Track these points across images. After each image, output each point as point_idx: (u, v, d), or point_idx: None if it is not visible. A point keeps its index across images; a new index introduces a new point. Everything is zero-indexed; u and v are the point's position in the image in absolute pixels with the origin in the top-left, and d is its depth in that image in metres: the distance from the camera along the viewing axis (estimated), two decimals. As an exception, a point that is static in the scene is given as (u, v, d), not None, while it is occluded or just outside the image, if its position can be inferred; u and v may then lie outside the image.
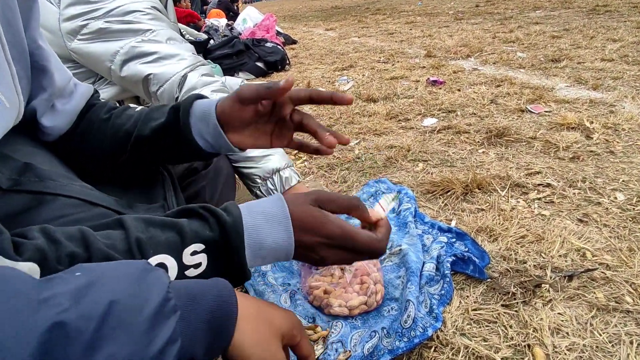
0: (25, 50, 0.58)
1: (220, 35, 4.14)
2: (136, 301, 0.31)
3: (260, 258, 0.49)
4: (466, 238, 0.95)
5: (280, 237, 0.48)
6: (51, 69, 0.63)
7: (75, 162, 0.71)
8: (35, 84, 0.62)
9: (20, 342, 0.26)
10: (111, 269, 0.35)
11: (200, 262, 0.45)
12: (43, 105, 0.65)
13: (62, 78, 0.66)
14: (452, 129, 1.67)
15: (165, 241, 0.44)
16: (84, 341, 0.28)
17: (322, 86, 2.65)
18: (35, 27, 0.61)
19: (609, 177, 1.20)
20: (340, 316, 0.78)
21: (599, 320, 0.74)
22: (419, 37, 4.14)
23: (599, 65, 2.34)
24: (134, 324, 0.30)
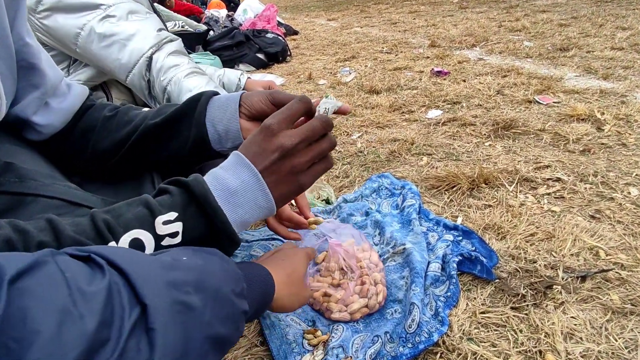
0: (11, 48, 0.56)
1: (221, 26, 4.08)
2: (228, 288, 0.41)
3: (238, 207, 0.48)
4: (473, 236, 0.91)
5: (244, 173, 0.49)
6: (42, 66, 0.62)
7: (69, 161, 0.71)
8: (24, 83, 0.61)
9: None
10: (209, 263, 0.42)
11: (177, 230, 0.45)
12: (35, 104, 0.63)
13: (55, 76, 0.65)
14: (457, 121, 1.62)
15: (134, 217, 0.44)
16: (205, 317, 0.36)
17: (324, 78, 2.59)
18: (22, 24, 0.59)
19: (622, 171, 1.15)
20: (342, 321, 0.75)
21: (615, 324, 0.70)
22: (423, 26, 4.05)
23: (608, 54, 2.27)
24: (228, 304, 0.40)
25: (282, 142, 0.50)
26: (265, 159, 0.49)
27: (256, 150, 0.50)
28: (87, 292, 0.29)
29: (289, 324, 0.76)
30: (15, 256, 0.29)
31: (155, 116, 0.66)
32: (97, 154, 0.69)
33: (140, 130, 0.66)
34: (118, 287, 0.32)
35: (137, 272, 0.33)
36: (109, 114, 0.70)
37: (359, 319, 0.75)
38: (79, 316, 0.28)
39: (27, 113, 0.63)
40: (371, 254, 0.83)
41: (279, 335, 0.74)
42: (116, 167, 0.70)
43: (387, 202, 1.12)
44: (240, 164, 0.50)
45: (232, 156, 0.51)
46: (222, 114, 0.63)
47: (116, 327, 0.29)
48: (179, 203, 0.46)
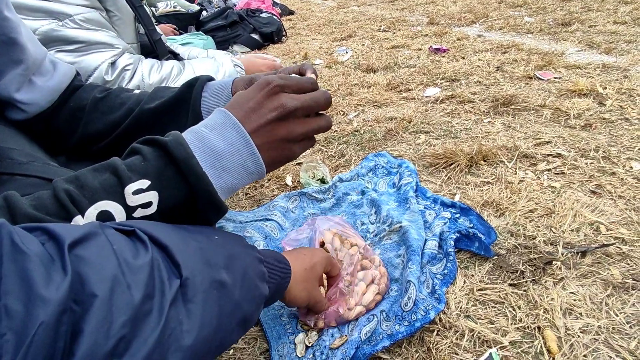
0: None
1: (214, 6, 3.98)
2: (253, 271, 0.43)
3: (225, 172, 0.43)
4: (471, 213, 0.89)
5: (231, 133, 0.44)
6: (22, 40, 0.59)
7: (56, 142, 0.69)
8: (4, 59, 0.58)
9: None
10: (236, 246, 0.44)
11: (150, 200, 0.41)
12: (17, 80, 0.60)
13: (37, 51, 0.62)
14: (455, 99, 1.59)
15: (100, 185, 0.40)
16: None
17: (320, 57, 2.53)
18: None
19: (624, 146, 1.12)
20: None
21: (615, 299, 0.68)
22: (422, 3, 3.96)
23: (611, 28, 2.22)
24: (253, 286, 0.42)
25: (284, 101, 0.45)
26: (261, 117, 0.45)
27: (252, 106, 0.45)
28: (134, 265, 0.31)
29: (283, 305, 0.74)
30: (69, 227, 0.31)
31: (150, 100, 0.64)
32: (87, 135, 0.67)
33: (135, 114, 0.64)
34: (158, 263, 0.33)
35: (178, 248, 0.35)
36: (99, 95, 0.67)
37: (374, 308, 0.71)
38: (127, 286, 0.30)
39: (10, 90, 0.61)
40: (356, 239, 0.79)
41: (272, 315, 0.73)
42: (107, 148, 0.68)
43: (383, 181, 1.10)
44: (227, 123, 0.44)
45: (217, 113, 0.46)
46: (217, 101, 0.61)
47: (157, 300, 0.31)
48: (154, 169, 0.41)
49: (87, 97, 0.67)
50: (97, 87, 0.70)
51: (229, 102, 0.48)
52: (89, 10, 0.89)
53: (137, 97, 0.66)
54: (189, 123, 0.61)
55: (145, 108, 0.63)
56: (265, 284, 0.45)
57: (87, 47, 0.88)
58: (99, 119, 0.66)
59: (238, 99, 0.47)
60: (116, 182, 0.40)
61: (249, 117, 0.45)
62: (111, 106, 0.66)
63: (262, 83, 0.46)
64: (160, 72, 1.00)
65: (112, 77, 0.91)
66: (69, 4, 0.85)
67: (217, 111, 0.46)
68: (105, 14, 0.95)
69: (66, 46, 0.86)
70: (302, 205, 1.04)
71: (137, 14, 1.02)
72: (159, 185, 0.41)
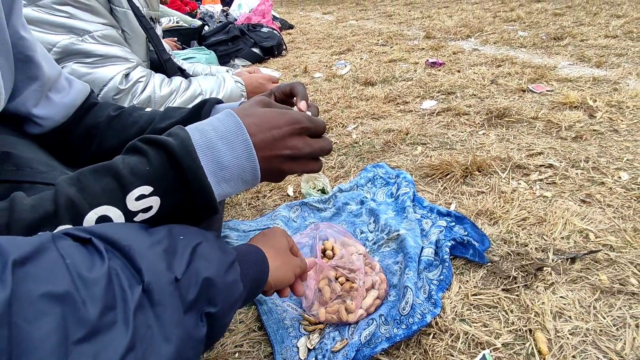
0: (7, 42, 0.57)
1: (216, 21, 4.06)
2: (222, 270, 0.41)
3: (224, 182, 0.44)
4: (466, 221, 0.92)
5: (240, 148, 0.44)
6: (37, 59, 0.63)
7: (71, 156, 0.72)
8: (22, 76, 0.62)
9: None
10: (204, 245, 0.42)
11: (151, 205, 0.41)
12: (34, 96, 0.64)
13: (51, 68, 0.66)
14: (451, 111, 1.64)
15: (101, 191, 0.40)
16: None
17: (320, 71, 2.59)
18: (18, 18, 0.60)
19: (613, 156, 1.17)
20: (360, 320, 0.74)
21: (603, 303, 0.72)
22: (418, 18, 4.05)
23: (602, 42, 2.28)
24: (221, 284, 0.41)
25: (301, 146, 0.47)
26: (275, 149, 0.46)
27: (273, 135, 0.46)
28: (88, 279, 0.30)
29: (286, 310, 0.78)
30: (19, 240, 0.30)
31: (161, 120, 0.68)
32: (101, 151, 0.71)
33: (148, 132, 0.67)
34: (117, 272, 0.33)
35: (139, 253, 0.35)
36: (113, 114, 0.71)
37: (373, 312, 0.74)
38: (82, 302, 0.29)
39: (28, 106, 0.64)
40: (356, 246, 0.82)
41: (276, 320, 0.76)
42: None
43: (382, 191, 1.14)
44: (239, 136, 0.44)
45: (229, 119, 0.46)
46: None
47: (120, 310, 0.31)
48: (158, 174, 0.41)
49: (101, 115, 0.71)
50: (112, 105, 0.73)
51: (244, 108, 0.48)
52: (107, 27, 0.94)
53: (149, 115, 0.70)
54: None
55: (157, 127, 0.67)
56: (238, 282, 0.43)
57: (103, 60, 0.93)
58: (113, 137, 0.70)
59: (259, 116, 0.47)
60: (117, 187, 0.40)
61: (264, 143, 0.45)
62: (124, 124, 0.70)
63: (291, 119, 0.47)
64: (170, 85, 1.05)
65: (125, 86, 0.96)
66: (89, 22, 0.91)
67: (230, 116, 0.46)
68: (120, 32, 1.00)
69: (84, 59, 0.91)
70: (303, 215, 1.07)
71: (148, 35, 1.07)
72: (161, 190, 0.41)
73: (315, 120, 0.49)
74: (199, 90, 1.10)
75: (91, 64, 0.93)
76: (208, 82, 1.14)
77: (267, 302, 0.80)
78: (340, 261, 0.77)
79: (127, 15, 1.01)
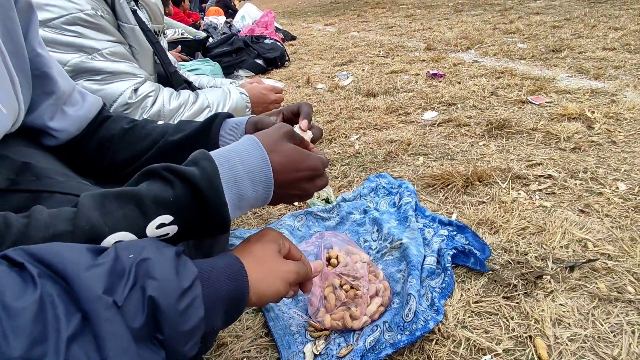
0: (25, 58, 0.60)
1: (220, 33, 4.13)
2: (172, 296, 0.35)
3: (239, 209, 0.48)
4: (467, 231, 0.95)
5: (262, 185, 0.48)
6: (53, 74, 0.66)
7: (84, 167, 0.74)
8: (38, 91, 0.65)
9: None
10: (156, 265, 0.37)
11: (168, 232, 0.43)
12: (50, 110, 0.67)
13: (66, 83, 0.69)
14: (452, 122, 1.67)
15: (123, 217, 0.41)
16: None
17: (322, 82, 2.64)
18: (34, 36, 0.63)
19: (611, 167, 1.19)
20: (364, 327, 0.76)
21: (601, 310, 0.74)
22: (419, 30, 4.11)
23: (600, 54, 2.32)
24: (174, 312, 0.35)
25: (317, 165, 0.51)
26: (294, 171, 0.50)
27: (294, 177, 0.50)
28: (14, 308, 0.28)
29: (292, 316, 0.80)
30: None
31: (174, 133, 0.70)
32: (115, 163, 0.73)
33: (160, 145, 0.70)
34: (52, 299, 0.30)
35: (79, 277, 0.32)
36: (127, 126, 0.74)
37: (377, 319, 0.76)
38: (3, 335, 0.27)
39: (44, 119, 0.67)
40: (360, 254, 0.85)
41: (282, 326, 0.78)
42: (132, 173, 0.74)
43: (384, 201, 1.16)
44: (264, 171, 0.48)
45: (258, 154, 0.48)
46: (232, 135, 0.68)
47: (52, 341, 0.28)
48: (180, 205, 0.42)
49: (115, 128, 0.74)
50: (125, 118, 0.76)
51: (273, 141, 0.50)
52: (115, 44, 0.98)
53: (161, 128, 0.72)
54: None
55: (170, 140, 0.69)
56: (195, 307, 0.37)
57: (112, 77, 0.97)
58: (126, 149, 0.73)
59: (286, 156, 0.50)
60: (140, 215, 0.41)
61: (284, 183, 0.49)
62: (138, 136, 0.73)
63: (312, 165, 0.51)
64: (179, 99, 1.08)
65: (134, 100, 0.99)
66: (98, 40, 0.94)
67: (257, 149, 0.48)
68: (128, 47, 1.04)
69: (94, 76, 0.95)
70: (308, 224, 1.10)
71: (155, 49, 1.11)
72: (181, 219, 0.43)
73: (325, 164, 0.54)
74: (206, 103, 1.14)
75: (101, 81, 0.97)
76: (214, 95, 1.17)
77: (273, 308, 0.82)
78: (345, 269, 0.79)
79: (134, 31, 1.05)
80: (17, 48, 0.57)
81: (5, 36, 0.55)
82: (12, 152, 0.62)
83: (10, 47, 0.56)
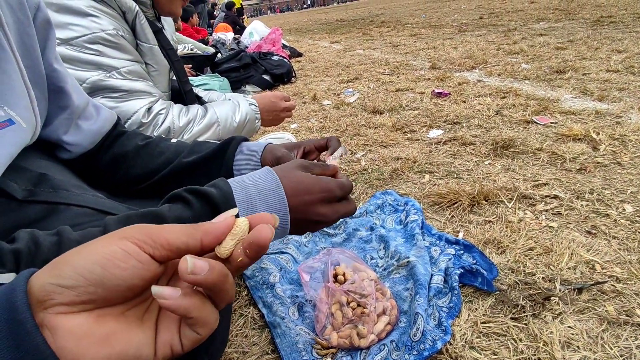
0: (42, 74, 0.61)
1: (228, 48, 4.21)
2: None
3: None
4: (474, 250, 0.95)
5: (275, 206, 0.48)
6: (68, 89, 0.67)
7: (97, 181, 0.75)
8: (53, 105, 0.66)
9: None
10: None
11: None
12: (65, 124, 0.68)
13: (80, 98, 0.71)
14: (457, 141, 1.68)
15: None
16: None
17: (328, 98, 2.67)
18: (51, 52, 0.64)
19: (617, 189, 1.20)
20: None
21: (610, 334, 0.73)
22: (424, 49, 4.17)
23: (604, 76, 2.35)
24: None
25: (330, 186, 0.51)
26: (305, 193, 0.50)
27: (303, 182, 0.50)
28: None
29: (299, 333, 0.80)
30: None
31: (188, 154, 0.71)
32: (128, 179, 0.74)
33: (174, 165, 0.71)
34: None
35: None
36: (141, 143, 0.75)
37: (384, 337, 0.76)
38: None
39: (59, 133, 0.69)
40: (367, 271, 0.85)
41: (289, 343, 0.78)
42: (144, 189, 0.75)
43: (390, 218, 1.17)
44: (276, 193, 0.48)
45: (269, 178, 0.49)
46: (247, 162, 0.69)
47: None
48: (197, 220, 0.42)
49: (129, 145, 0.75)
50: (139, 135, 0.77)
51: (285, 169, 0.52)
52: (133, 63, 1.01)
53: (175, 147, 0.73)
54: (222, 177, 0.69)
55: (184, 161, 0.70)
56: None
57: (128, 95, 0.99)
58: (140, 166, 0.74)
59: (297, 180, 0.50)
60: None
61: (297, 207, 0.50)
62: (151, 154, 0.74)
63: (324, 187, 0.51)
64: (188, 115, 1.10)
65: (148, 119, 1.01)
66: (117, 59, 0.97)
67: (269, 174, 0.50)
68: (144, 66, 1.06)
69: (111, 93, 0.97)
70: (314, 240, 1.10)
71: (174, 67, 1.14)
72: None
73: (344, 187, 0.53)
74: (215, 118, 1.16)
75: (117, 99, 0.99)
76: (223, 109, 1.19)
77: (280, 325, 0.82)
78: (352, 286, 0.79)
79: (152, 50, 1.08)
80: (35, 64, 0.59)
81: (23, 52, 0.57)
82: (29, 163, 0.63)
83: (27, 63, 0.57)
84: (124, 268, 0.27)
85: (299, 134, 2.02)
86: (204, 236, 0.30)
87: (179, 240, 0.29)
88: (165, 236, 0.29)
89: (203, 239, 0.30)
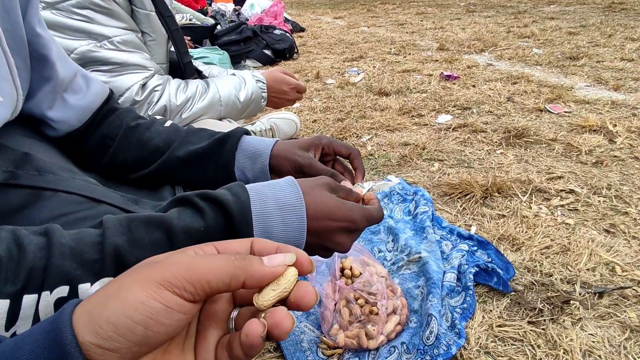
0: (23, 39, 0.53)
1: (227, 20, 4.05)
2: None
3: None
4: (489, 247, 0.90)
5: (292, 226, 0.44)
6: (52, 57, 0.59)
7: (85, 162, 0.68)
8: (36, 75, 0.58)
9: None
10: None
11: None
12: (48, 98, 0.61)
13: (67, 69, 0.62)
14: (468, 127, 1.62)
15: (150, 244, 0.39)
16: None
17: (332, 77, 2.57)
18: (34, 14, 0.56)
19: (636, 185, 1.15)
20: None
21: (633, 342, 0.69)
22: (431, 28, 4.04)
23: (619, 64, 2.27)
24: None
25: (356, 217, 0.46)
26: (327, 219, 0.45)
27: (327, 205, 0.45)
28: None
29: (304, 331, 0.75)
30: None
31: (180, 146, 0.64)
32: (115, 164, 0.67)
33: (164, 158, 0.64)
34: None
35: None
36: (132, 124, 0.67)
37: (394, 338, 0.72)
38: None
39: (42, 108, 0.61)
40: (376, 266, 0.80)
41: (293, 341, 0.73)
42: (135, 180, 0.68)
43: (399, 208, 1.11)
44: (296, 219, 0.44)
45: (293, 192, 0.45)
46: (251, 164, 0.62)
47: None
48: (209, 233, 0.41)
49: (119, 126, 0.67)
50: (131, 113, 0.69)
51: (310, 186, 0.47)
52: (127, 32, 0.92)
53: (166, 135, 0.65)
54: (219, 178, 0.62)
55: (174, 155, 0.63)
56: None
57: (121, 68, 0.90)
58: (126, 151, 0.66)
59: (321, 202, 0.46)
60: (167, 244, 0.39)
61: (315, 231, 0.45)
62: (139, 139, 0.66)
63: (349, 216, 0.46)
64: (186, 92, 1.02)
65: (141, 97, 0.93)
66: (109, 27, 0.88)
67: (296, 191, 0.45)
68: (140, 35, 0.97)
69: (102, 66, 0.89)
70: (319, 229, 1.05)
71: (172, 37, 1.05)
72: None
73: (372, 220, 0.48)
74: (217, 96, 1.08)
75: (109, 72, 0.90)
76: (227, 85, 1.11)
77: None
78: (361, 284, 0.75)
79: (149, 17, 0.99)
80: (15, 28, 0.51)
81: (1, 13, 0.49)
82: (10, 141, 0.56)
83: (5, 26, 0.49)
84: (167, 324, 0.25)
85: (302, 113, 1.94)
86: (247, 279, 0.27)
87: (221, 283, 0.27)
88: (208, 278, 0.26)
89: (246, 282, 0.28)
